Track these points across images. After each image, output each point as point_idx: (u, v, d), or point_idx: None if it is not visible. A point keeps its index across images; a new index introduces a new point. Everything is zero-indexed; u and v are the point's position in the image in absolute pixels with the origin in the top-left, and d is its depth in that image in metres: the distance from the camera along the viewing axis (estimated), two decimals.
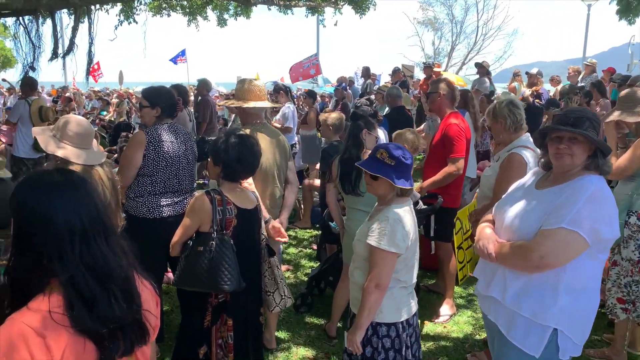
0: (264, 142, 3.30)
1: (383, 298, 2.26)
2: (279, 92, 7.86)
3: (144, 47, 9.43)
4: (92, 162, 2.63)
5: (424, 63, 17.72)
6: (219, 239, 2.38)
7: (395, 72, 10.65)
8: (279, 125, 7.18)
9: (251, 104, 3.44)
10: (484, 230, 2.27)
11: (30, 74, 7.36)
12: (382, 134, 4.96)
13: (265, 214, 3.16)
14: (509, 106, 3.34)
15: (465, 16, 32.44)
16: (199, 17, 11.28)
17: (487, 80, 10.45)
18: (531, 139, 3.34)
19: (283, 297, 2.84)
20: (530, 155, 3.23)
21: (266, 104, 3.57)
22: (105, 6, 9.17)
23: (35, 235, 1.17)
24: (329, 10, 10.52)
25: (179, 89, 6.09)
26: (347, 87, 9.10)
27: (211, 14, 11.39)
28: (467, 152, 4.18)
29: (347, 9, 10.32)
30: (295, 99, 9.57)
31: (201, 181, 9.31)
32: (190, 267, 2.39)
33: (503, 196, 2.38)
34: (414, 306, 2.44)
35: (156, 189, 3.28)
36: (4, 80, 17.74)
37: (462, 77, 18.15)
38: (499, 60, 32.60)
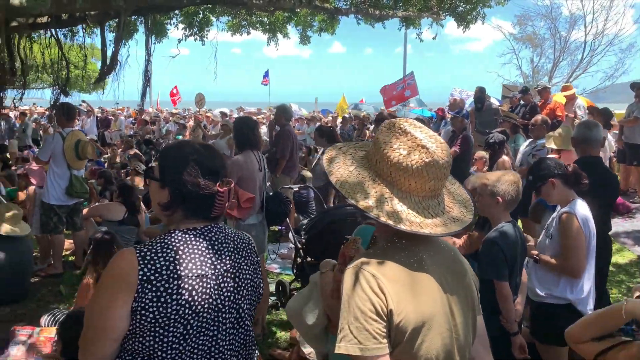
0: (429, 295, 1.26)
1: None
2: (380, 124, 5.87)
3: (215, 67, 8.02)
4: None
5: (536, 86, 15.00)
6: None
7: (525, 92, 8.17)
8: None
9: (419, 228, 1.26)
10: None
11: (64, 99, 5.93)
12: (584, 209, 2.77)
13: None
14: None
15: (570, 30, 28.89)
16: (279, 35, 10.59)
17: None
18: None
19: None
20: None
21: (455, 224, 1.32)
22: (171, 19, 7.92)
23: None
24: (424, 23, 9.74)
25: (243, 125, 3.95)
26: (469, 115, 6.85)
27: (293, 30, 10.81)
28: None
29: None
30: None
31: (277, 228, 7.39)
32: None
33: None
34: None
35: None
36: (83, 102, 17.52)
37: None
38: (609, 79, 28.92)
